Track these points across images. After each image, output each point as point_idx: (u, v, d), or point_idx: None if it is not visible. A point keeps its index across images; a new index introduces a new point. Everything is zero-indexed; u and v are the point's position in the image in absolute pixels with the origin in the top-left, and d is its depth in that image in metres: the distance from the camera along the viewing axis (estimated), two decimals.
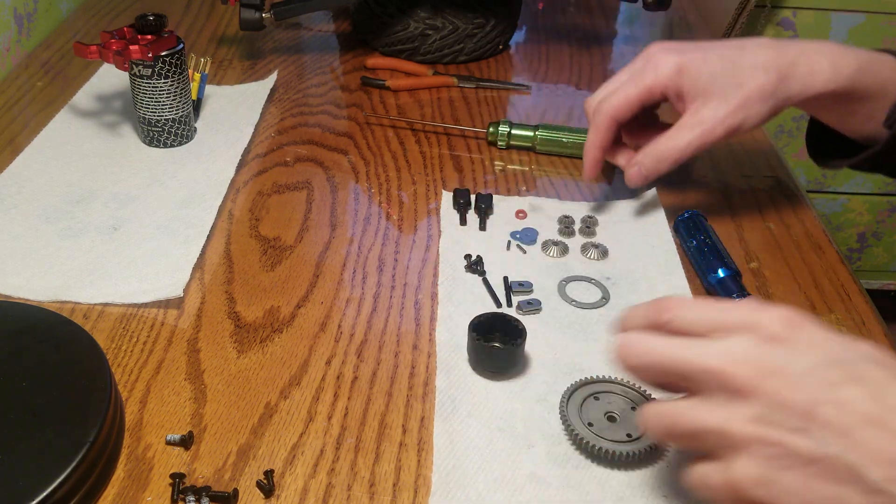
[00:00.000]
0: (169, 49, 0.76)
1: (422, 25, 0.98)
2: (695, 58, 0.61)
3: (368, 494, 0.49)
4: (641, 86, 0.63)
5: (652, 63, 0.63)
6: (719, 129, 0.62)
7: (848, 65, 0.60)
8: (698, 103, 0.62)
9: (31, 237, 0.68)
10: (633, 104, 0.64)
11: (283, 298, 0.63)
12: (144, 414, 0.53)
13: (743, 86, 0.61)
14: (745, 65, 0.61)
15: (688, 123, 0.63)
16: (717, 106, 0.62)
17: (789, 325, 0.39)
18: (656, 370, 0.42)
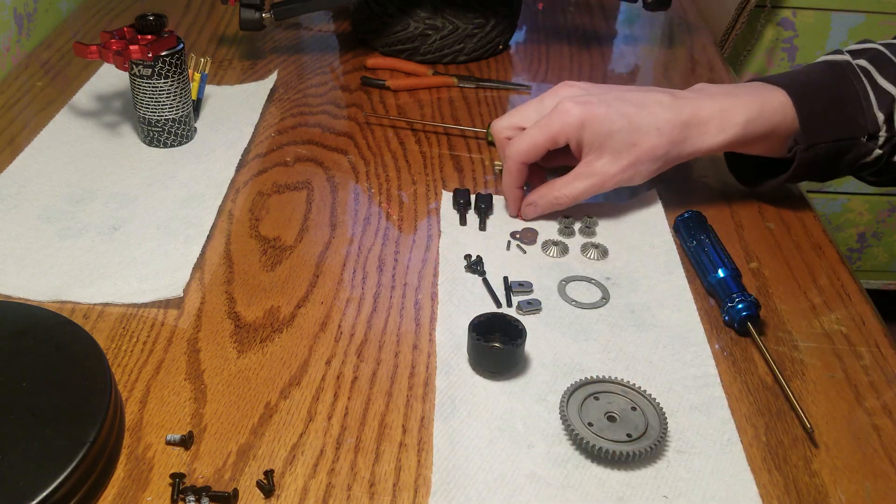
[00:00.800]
0: (169, 49, 0.76)
1: (422, 25, 0.98)
2: (598, 114, 0.66)
3: (368, 494, 0.49)
4: (547, 134, 0.68)
5: (559, 112, 0.67)
6: (609, 182, 0.68)
7: (734, 124, 0.68)
8: (593, 156, 0.68)
9: (31, 237, 0.68)
10: (539, 149, 0.68)
11: (283, 298, 0.63)
12: (144, 414, 0.53)
13: (636, 146, 0.67)
14: (642, 125, 0.67)
15: (582, 174, 0.69)
16: (610, 161, 0.67)
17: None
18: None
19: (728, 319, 0.62)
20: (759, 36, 1.55)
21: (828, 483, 0.51)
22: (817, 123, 0.68)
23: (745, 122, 0.68)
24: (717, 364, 0.59)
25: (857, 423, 0.55)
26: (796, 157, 0.69)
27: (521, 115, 0.71)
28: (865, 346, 0.61)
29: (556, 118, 0.67)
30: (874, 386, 0.58)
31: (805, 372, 0.59)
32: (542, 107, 0.70)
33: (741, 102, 0.68)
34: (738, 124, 0.68)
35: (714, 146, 0.68)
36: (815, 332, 0.63)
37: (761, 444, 0.53)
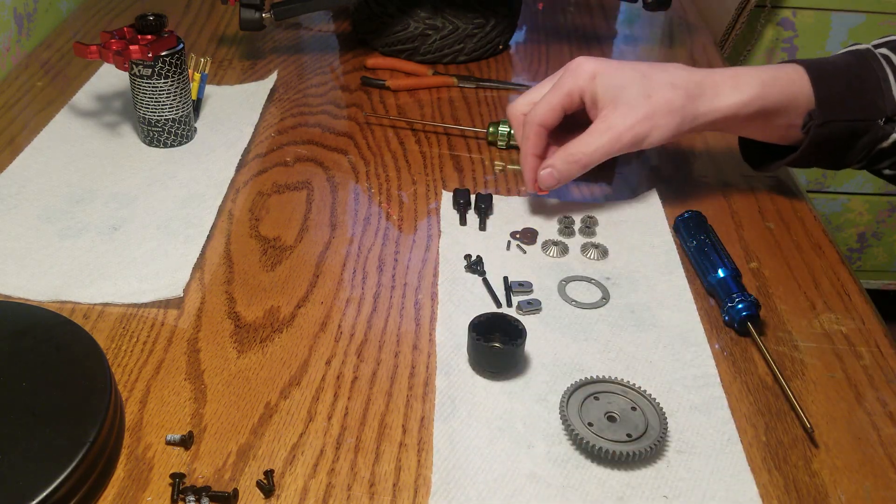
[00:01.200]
0: (169, 49, 0.76)
1: (422, 25, 0.98)
2: (610, 66, 0.66)
3: (368, 494, 0.49)
4: (562, 91, 0.67)
5: (571, 70, 0.67)
6: (626, 136, 0.65)
7: (748, 84, 0.66)
8: (608, 110, 0.66)
9: (31, 237, 0.68)
10: (556, 109, 0.67)
11: (283, 298, 0.63)
12: (144, 414, 0.53)
13: (651, 97, 0.65)
14: (656, 79, 0.66)
15: (597, 129, 0.66)
16: (625, 113, 0.65)
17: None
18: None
19: (728, 319, 0.62)
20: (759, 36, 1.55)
21: (828, 483, 0.51)
22: (834, 100, 0.67)
23: (761, 83, 0.66)
24: (717, 364, 0.59)
25: (857, 423, 0.55)
26: (810, 132, 0.68)
27: (536, 92, 0.71)
28: (865, 346, 0.61)
29: (569, 74, 0.67)
30: (874, 386, 0.58)
31: (805, 372, 0.59)
32: (556, 76, 0.70)
33: (754, 69, 0.68)
34: (752, 85, 0.66)
35: (731, 105, 0.67)
36: (815, 332, 0.63)
37: (761, 443, 0.53)
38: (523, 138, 0.69)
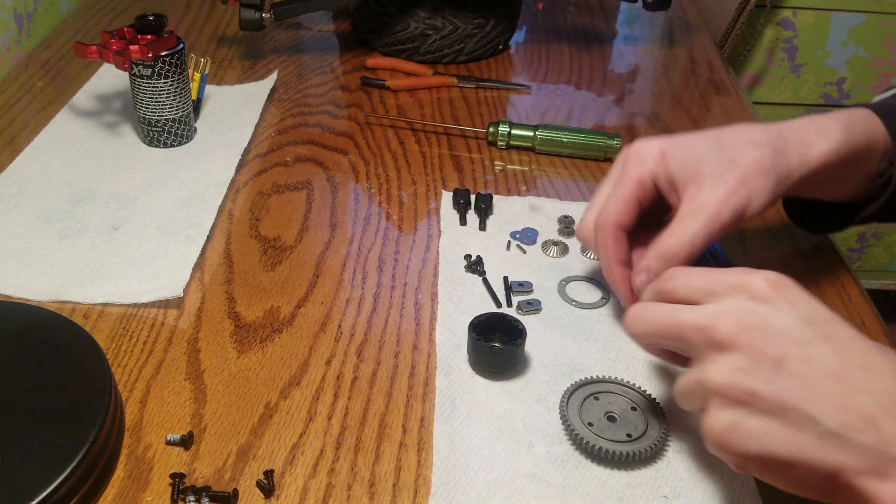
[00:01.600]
0: (169, 49, 0.76)
1: (422, 25, 0.98)
2: (676, 139, 0.56)
3: (368, 494, 0.49)
4: (631, 181, 0.56)
5: (633, 156, 0.57)
6: (725, 212, 0.53)
7: (833, 129, 0.57)
8: (693, 188, 0.54)
9: (30, 237, 0.68)
10: (630, 203, 0.56)
11: (283, 298, 0.63)
12: (144, 414, 0.53)
13: (737, 162, 0.54)
14: (733, 141, 0.56)
15: (689, 212, 0.54)
16: (714, 187, 0.54)
17: (774, 287, 0.44)
18: (657, 334, 0.47)
19: None
20: (759, 36, 1.55)
21: None
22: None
23: (843, 127, 0.57)
24: None
25: None
26: (893, 178, 0.60)
27: (598, 199, 0.59)
28: None
29: (633, 161, 0.56)
30: None
31: None
32: (614, 171, 0.59)
33: (829, 116, 0.58)
34: (836, 130, 0.57)
35: (823, 154, 0.56)
36: None
37: None
38: (601, 247, 0.57)
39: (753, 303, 0.43)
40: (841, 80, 1.61)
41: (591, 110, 0.93)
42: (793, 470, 0.40)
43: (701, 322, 0.43)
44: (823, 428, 0.39)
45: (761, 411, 0.40)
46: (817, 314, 0.43)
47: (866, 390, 0.39)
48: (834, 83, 1.61)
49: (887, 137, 0.59)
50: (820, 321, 0.42)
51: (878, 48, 1.57)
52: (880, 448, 0.38)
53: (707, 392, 0.42)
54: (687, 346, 0.45)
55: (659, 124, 0.91)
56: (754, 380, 0.40)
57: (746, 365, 0.41)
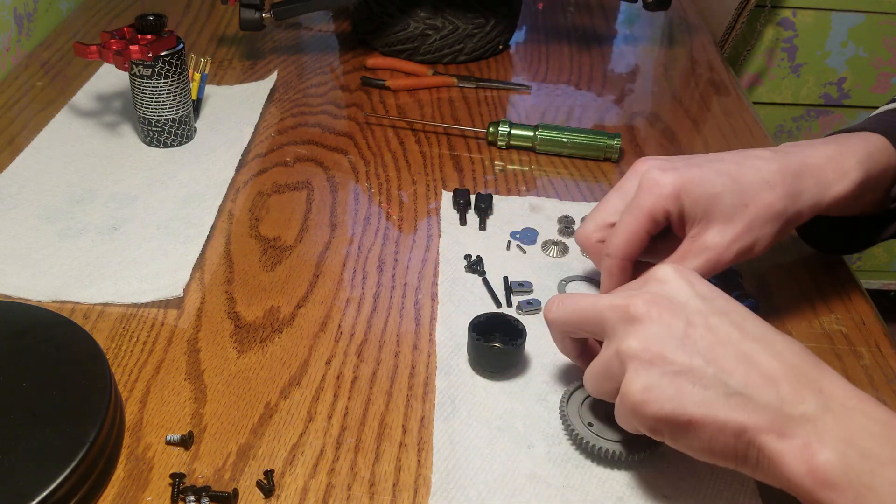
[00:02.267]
0: (169, 49, 0.76)
1: (422, 25, 0.98)
2: (693, 177, 0.55)
3: (368, 494, 0.49)
4: (642, 215, 0.55)
5: (646, 186, 0.55)
6: (727, 255, 0.55)
7: (853, 169, 0.56)
8: (700, 227, 0.55)
9: (30, 237, 0.68)
10: (640, 238, 0.55)
11: (283, 298, 0.63)
12: (144, 414, 0.53)
13: (748, 206, 0.54)
14: (748, 181, 0.55)
15: (691, 251, 0.55)
16: (722, 230, 0.55)
17: (675, 271, 0.47)
18: (575, 318, 0.50)
19: None
20: (759, 36, 1.55)
21: None
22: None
23: (859, 164, 0.57)
24: None
25: None
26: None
27: (604, 210, 0.59)
28: (865, 346, 0.61)
29: (646, 194, 0.55)
30: (874, 386, 0.58)
31: None
32: (624, 191, 0.58)
33: (846, 147, 0.58)
34: (856, 169, 0.56)
35: (839, 195, 0.57)
36: (815, 332, 0.63)
37: None
38: (606, 275, 0.57)
39: (660, 284, 0.47)
40: (841, 80, 1.61)
41: (591, 110, 0.93)
42: (703, 430, 0.43)
43: (618, 302, 0.46)
44: (729, 388, 0.42)
45: (674, 373, 0.43)
46: (713, 294, 0.46)
47: (764, 354, 0.43)
48: (834, 83, 1.61)
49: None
50: (716, 299, 0.46)
51: (878, 48, 1.57)
52: (780, 407, 0.42)
53: (624, 359, 0.45)
54: (603, 326, 0.47)
55: (659, 124, 0.91)
56: (666, 345, 0.44)
57: (659, 332, 0.44)
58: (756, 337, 0.44)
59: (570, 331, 0.51)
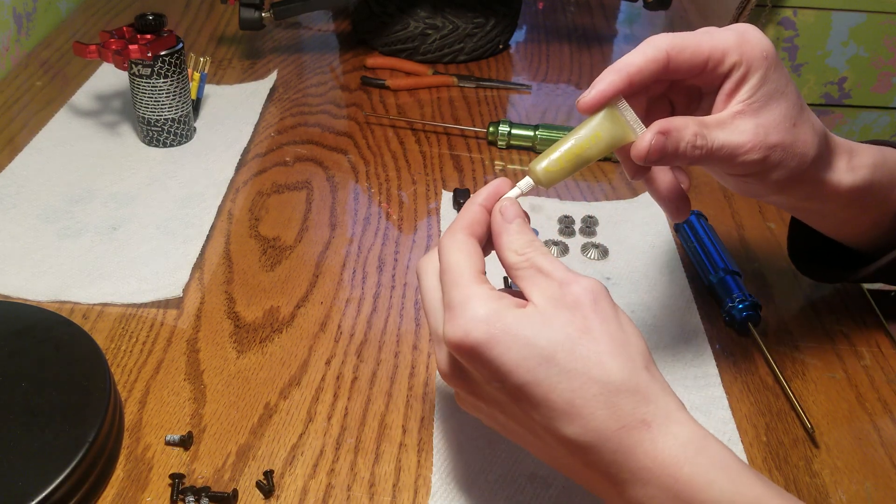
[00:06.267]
0: (168, 48, 0.76)
1: (422, 25, 0.98)
2: (778, 59, 0.48)
3: (368, 495, 0.49)
4: (712, 38, 0.47)
5: (733, 28, 0.48)
6: (756, 152, 0.47)
7: (862, 165, 0.53)
8: (754, 105, 0.47)
9: (30, 237, 0.68)
10: (700, 51, 0.47)
11: (283, 298, 0.63)
12: (144, 414, 0.53)
13: (796, 128, 0.48)
14: (806, 111, 0.50)
15: (744, 112, 0.47)
16: (767, 125, 0.47)
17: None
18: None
19: (728, 319, 0.62)
20: None
21: (828, 483, 0.51)
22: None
23: (873, 164, 0.53)
24: (718, 364, 0.59)
25: (857, 424, 0.55)
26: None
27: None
28: (866, 346, 0.61)
29: (730, 30, 0.48)
30: (875, 386, 0.58)
31: (806, 372, 0.59)
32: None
33: (864, 147, 0.54)
34: (865, 166, 0.53)
35: (843, 186, 0.52)
36: (815, 332, 0.62)
37: (762, 444, 0.53)
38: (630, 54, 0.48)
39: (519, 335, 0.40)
40: (842, 79, 1.61)
41: None
42: None
43: (450, 339, 0.41)
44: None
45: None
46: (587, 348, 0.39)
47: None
48: (835, 83, 1.61)
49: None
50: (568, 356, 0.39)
51: (879, 48, 1.57)
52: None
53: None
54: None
55: None
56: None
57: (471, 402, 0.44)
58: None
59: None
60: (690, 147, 0.46)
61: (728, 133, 0.47)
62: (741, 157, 0.47)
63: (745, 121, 0.47)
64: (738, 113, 0.47)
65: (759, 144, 0.47)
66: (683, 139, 0.46)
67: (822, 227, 0.58)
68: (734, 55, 0.47)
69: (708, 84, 0.49)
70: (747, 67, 0.47)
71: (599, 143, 0.46)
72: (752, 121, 0.47)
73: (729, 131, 0.47)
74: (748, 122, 0.47)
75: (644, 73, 0.47)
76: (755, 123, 0.47)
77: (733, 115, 0.47)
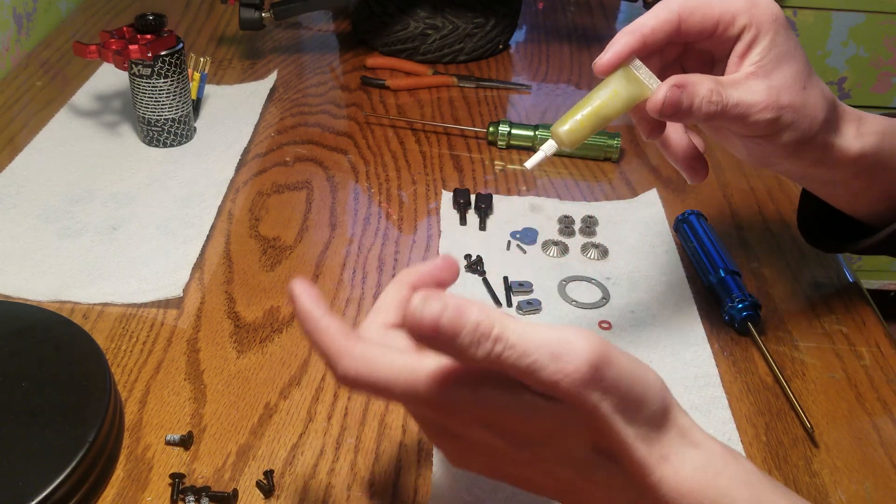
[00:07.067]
0: (168, 49, 0.76)
1: (422, 25, 0.98)
2: (787, 24, 0.49)
3: (368, 494, 0.49)
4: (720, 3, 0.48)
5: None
6: (768, 112, 0.48)
7: (870, 132, 0.53)
8: (766, 68, 0.48)
9: (30, 237, 0.68)
10: (708, 14, 0.48)
11: (283, 298, 0.63)
12: (144, 414, 0.53)
13: (806, 90, 0.50)
14: (815, 75, 0.51)
15: (757, 74, 0.48)
16: (779, 88, 0.48)
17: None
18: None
19: (728, 319, 0.62)
20: None
21: (828, 483, 0.51)
22: None
23: (881, 133, 0.53)
24: (718, 364, 0.59)
25: (857, 423, 0.55)
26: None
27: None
28: (865, 346, 0.61)
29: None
30: (874, 386, 0.58)
31: (805, 372, 0.59)
32: None
33: (874, 117, 0.54)
34: (874, 133, 0.53)
35: (851, 152, 0.52)
36: (815, 331, 0.62)
37: (761, 444, 0.53)
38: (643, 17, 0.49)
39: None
40: (841, 79, 1.61)
41: None
42: None
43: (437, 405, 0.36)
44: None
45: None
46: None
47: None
48: (834, 83, 1.61)
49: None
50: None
51: (879, 48, 1.57)
52: None
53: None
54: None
55: None
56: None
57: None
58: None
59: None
60: (706, 102, 0.47)
61: (742, 92, 0.48)
62: (755, 116, 0.48)
63: (758, 81, 0.48)
64: (750, 74, 0.48)
65: (773, 104, 0.48)
66: (699, 94, 0.47)
67: (833, 198, 0.59)
68: (744, 18, 0.48)
69: (719, 48, 0.50)
70: (757, 30, 0.48)
71: (617, 100, 0.47)
72: (764, 82, 0.48)
73: (743, 90, 0.48)
74: (761, 83, 0.48)
75: (657, 34, 0.48)
76: (767, 84, 0.48)
77: (746, 76, 0.48)
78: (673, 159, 0.54)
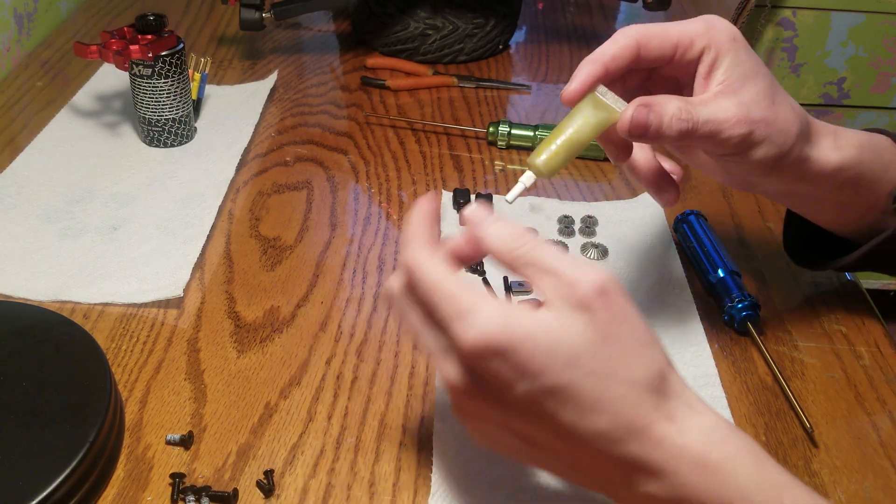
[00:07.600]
0: (169, 49, 0.76)
1: (422, 25, 0.98)
2: (746, 44, 0.50)
3: (368, 494, 0.49)
4: (678, 27, 0.50)
5: (703, 17, 0.50)
6: (739, 127, 0.48)
7: (848, 144, 0.53)
8: (732, 86, 0.49)
9: (30, 237, 0.68)
10: (669, 39, 0.49)
11: (283, 298, 0.63)
12: (144, 414, 0.53)
13: (775, 105, 0.50)
14: (781, 91, 0.51)
15: (726, 92, 0.49)
16: (748, 104, 0.48)
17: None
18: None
19: (728, 319, 0.62)
20: (759, 36, 1.55)
21: (827, 483, 0.51)
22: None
23: (858, 145, 0.54)
24: (717, 364, 0.59)
25: (856, 423, 0.55)
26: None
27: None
28: (865, 346, 0.62)
29: (700, 19, 0.50)
30: (874, 386, 0.58)
31: (805, 372, 0.59)
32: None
33: (849, 130, 0.55)
34: (852, 145, 0.53)
35: (830, 164, 0.53)
36: (814, 331, 0.63)
37: (761, 443, 0.53)
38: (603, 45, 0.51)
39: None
40: (841, 80, 1.61)
41: None
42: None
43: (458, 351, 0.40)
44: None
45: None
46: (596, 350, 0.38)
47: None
48: (834, 83, 1.61)
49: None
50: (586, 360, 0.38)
51: (878, 48, 1.57)
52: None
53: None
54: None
55: None
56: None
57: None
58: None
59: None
60: (676, 120, 0.47)
61: (712, 109, 0.48)
62: (727, 132, 0.48)
63: (727, 99, 0.49)
64: (718, 93, 0.49)
65: (744, 118, 0.48)
66: (667, 112, 0.47)
67: (816, 215, 0.59)
68: (702, 40, 0.49)
69: (682, 72, 0.51)
70: (717, 51, 0.49)
71: (588, 127, 0.49)
72: (733, 98, 0.49)
73: (712, 108, 0.48)
74: (729, 100, 0.48)
75: (618, 60, 0.50)
76: (737, 100, 0.48)
77: (714, 95, 0.49)
78: (643, 182, 0.54)
